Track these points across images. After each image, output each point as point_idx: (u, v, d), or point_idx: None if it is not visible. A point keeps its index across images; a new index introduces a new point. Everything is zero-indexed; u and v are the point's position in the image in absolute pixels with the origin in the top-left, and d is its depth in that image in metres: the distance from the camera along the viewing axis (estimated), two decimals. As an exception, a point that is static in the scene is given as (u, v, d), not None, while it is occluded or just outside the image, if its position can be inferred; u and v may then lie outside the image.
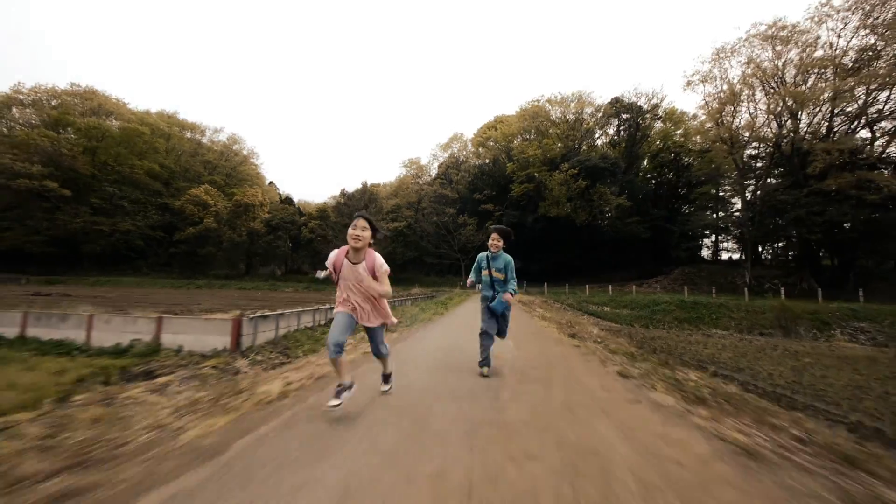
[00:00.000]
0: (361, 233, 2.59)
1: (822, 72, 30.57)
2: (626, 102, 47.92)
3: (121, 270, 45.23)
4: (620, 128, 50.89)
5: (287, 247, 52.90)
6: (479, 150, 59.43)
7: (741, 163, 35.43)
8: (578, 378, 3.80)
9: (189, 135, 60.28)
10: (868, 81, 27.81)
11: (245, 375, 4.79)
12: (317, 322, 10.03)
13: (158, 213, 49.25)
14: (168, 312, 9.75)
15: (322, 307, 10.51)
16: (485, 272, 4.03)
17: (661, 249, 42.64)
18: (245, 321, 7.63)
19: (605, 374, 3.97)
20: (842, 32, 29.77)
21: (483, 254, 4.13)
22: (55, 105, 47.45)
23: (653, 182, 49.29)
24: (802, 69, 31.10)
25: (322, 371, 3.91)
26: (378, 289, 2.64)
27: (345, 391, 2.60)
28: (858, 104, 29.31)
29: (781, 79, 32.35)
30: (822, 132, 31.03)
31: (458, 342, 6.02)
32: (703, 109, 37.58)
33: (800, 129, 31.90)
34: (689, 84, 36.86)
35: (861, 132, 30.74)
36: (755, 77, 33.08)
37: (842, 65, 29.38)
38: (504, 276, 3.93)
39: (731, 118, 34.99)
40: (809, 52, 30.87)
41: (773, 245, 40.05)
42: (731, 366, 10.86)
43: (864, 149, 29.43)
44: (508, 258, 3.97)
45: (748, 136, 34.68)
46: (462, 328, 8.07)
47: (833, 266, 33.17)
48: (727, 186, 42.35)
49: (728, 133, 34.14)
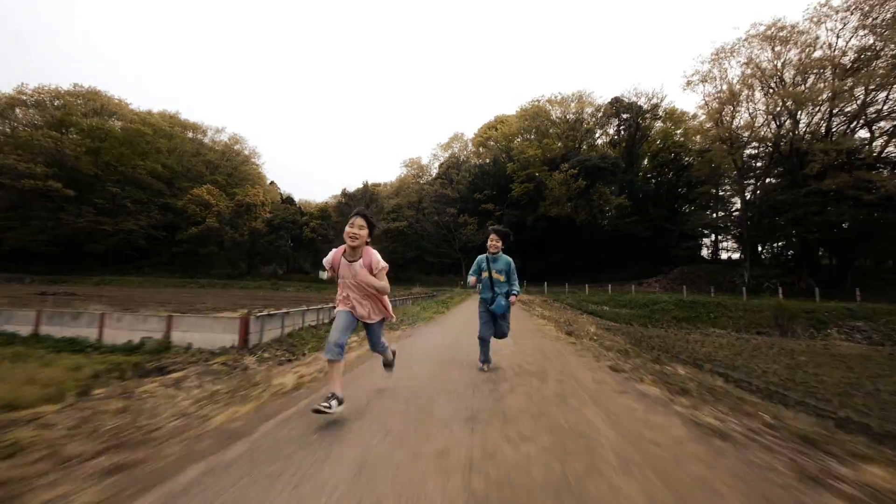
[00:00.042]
0: (358, 231, 2.59)
1: (821, 72, 30.68)
2: (626, 102, 48.03)
3: (124, 270, 45.55)
4: (620, 127, 51.01)
5: (288, 246, 53.21)
6: (480, 150, 59.66)
7: (741, 162, 35.56)
8: (572, 372, 4.03)
9: (191, 135, 60.54)
10: (867, 81, 27.91)
11: (256, 371, 5.02)
12: (321, 321, 10.25)
13: (161, 213, 49.60)
14: (176, 311, 10.00)
15: (325, 306, 10.72)
16: (484, 274, 3.98)
17: (661, 249, 42.72)
18: (252, 320, 7.86)
19: (598, 369, 4.21)
20: (841, 33, 29.92)
21: (482, 255, 4.08)
22: (58, 106, 47.75)
23: (653, 182, 49.28)
24: (801, 69, 31.23)
25: (331, 366, 4.14)
26: (375, 283, 2.67)
27: (334, 400, 2.43)
28: (857, 104, 29.40)
29: (780, 79, 32.48)
30: (821, 132, 31.17)
31: (459, 339, 6.25)
32: (703, 109, 37.73)
33: (798, 130, 32.05)
34: (689, 84, 36.98)
35: (860, 132, 30.92)
36: (754, 77, 33.22)
37: (841, 65, 29.50)
38: (504, 278, 3.94)
39: (731, 118, 35.11)
40: (808, 53, 31.01)
41: (773, 245, 40.17)
42: (727, 364, 11.05)
43: (863, 149, 29.57)
44: (509, 259, 3.98)
45: (747, 137, 34.81)
46: (462, 326, 8.30)
47: (831, 265, 33.34)
48: (727, 186, 42.49)
49: (727, 133, 34.25)
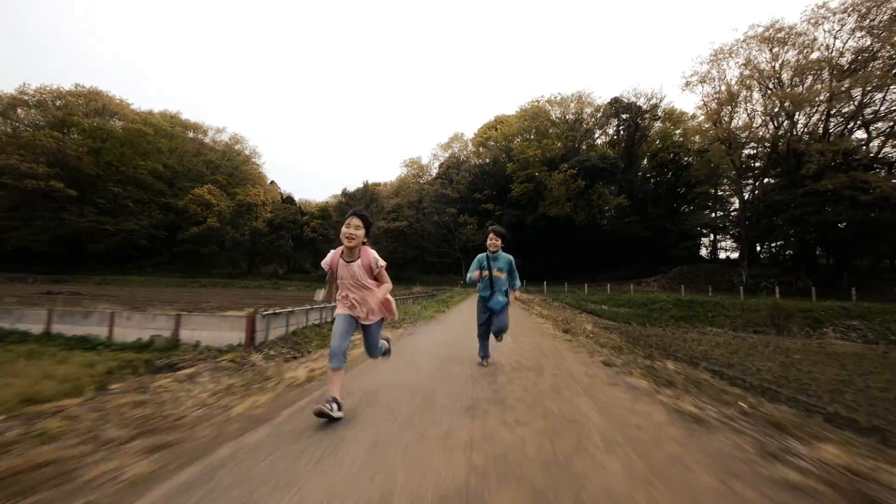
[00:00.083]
0: (355, 231, 2.61)
1: (819, 73, 30.89)
2: (626, 102, 48.20)
3: (125, 269, 45.79)
4: (620, 128, 51.21)
5: (289, 246, 53.47)
6: (480, 150, 59.87)
7: (739, 163, 35.79)
8: (567, 367, 4.27)
9: (191, 135, 60.74)
10: (864, 83, 28.10)
11: (266, 367, 5.25)
12: (324, 319, 10.48)
13: (162, 213, 49.85)
14: (183, 310, 10.22)
15: (328, 305, 10.97)
16: (485, 272, 4.09)
17: (660, 249, 42.94)
18: (258, 318, 8.10)
19: (591, 364, 4.44)
20: (838, 34, 30.08)
21: (483, 254, 4.18)
22: (60, 106, 47.95)
23: (652, 182, 49.45)
24: (799, 71, 31.44)
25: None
26: (390, 306, 2.83)
27: (335, 404, 2.44)
28: (854, 104, 29.63)
29: (778, 80, 32.69)
30: (819, 133, 31.40)
31: (460, 337, 6.48)
32: (702, 110, 37.96)
33: (796, 130, 32.28)
34: (688, 85, 37.16)
35: (857, 133, 31.17)
36: (752, 78, 33.44)
37: (838, 66, 29.71)
38: (505, 276, 4.10)
39: (729, 119, 35.32)
40: (806, 54, 31.23)
41: (771, 244, 40.41)
42: (723, 362, 11.24)
43: (859, 149, 29.81)
44: (509, 257, 4.14)
45: (746, 137, 35.05)
46: (463, 325, 8.53)
47: (829, 265, 33.57)
48: (726, 186, 42.73)
49: (726, 133, 34.46)
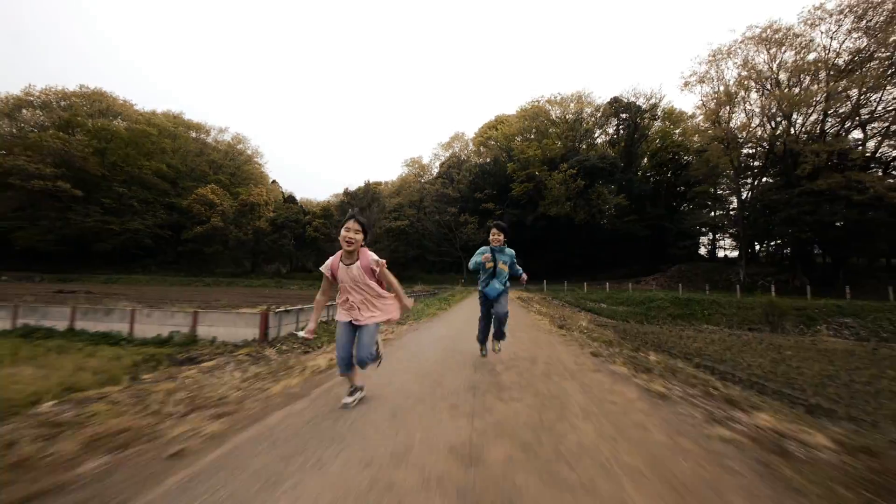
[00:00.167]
0: (354, 236, 2.65)
1: (816, 74, 31.22)
2: (625, 102, 48.61)
3: (130, 269, 46.40)
4: (619, 127, 51.60)
5: (291, 245, 54.03)
6: (480, 150, 60.29)
7: (737, 162, 36.16)
8: (559, 357, 4.74)
9: (194, 135, 61.28)
10: (860, 83, 28.44)
11: (286, 359, 5.73)
12: (330, 316, 11.02)
13: (166, 213, 50.43)
14: (199, 308, 10.72)
15: (333, 303, 11.45)
16: (489, 265, 4.23)
17: (659, 247, 43.36)
18: (271, 315, 8.60)
19: (581, 354, 4.92)
20: (835, 35, 30.38)
21: (487, 247, 4.32)
22: (65, 107, 48.49)
23: (651, 181, 49.83)
24: (796, 71, 31.77)
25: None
26: (405, 302, 2.95)
27: (357, 391, 2.83)
28: (851, 105, 29.97)
29: (776, 80, 33.04)
30: (816, 133, 31.75)
31: (461, 332, 6.96)
32: (701, 109, 38.34)
33: (793, 130, 32.64)
34: (687, 85, 37.54)
35: (854, 132, 31.48)
36: (750, 79, 33.80)
37: (835, 67, 30.06)
38: (507, 268, 4.40)
39: (728, 119, 35.71)
40: (803, 55, 31.56)
41: (769, 243, 40.80)
42: (716, 358, 11.68)
43: (856, 149, 30.14)
44: (512, 252, 4.44)
45: (744, 137, 35.42)
46: (464, 321, 9.00)
47: (825, 264, 33.97)
48: (724, 185, 43.09)
49: (724, 133, 34.85)
